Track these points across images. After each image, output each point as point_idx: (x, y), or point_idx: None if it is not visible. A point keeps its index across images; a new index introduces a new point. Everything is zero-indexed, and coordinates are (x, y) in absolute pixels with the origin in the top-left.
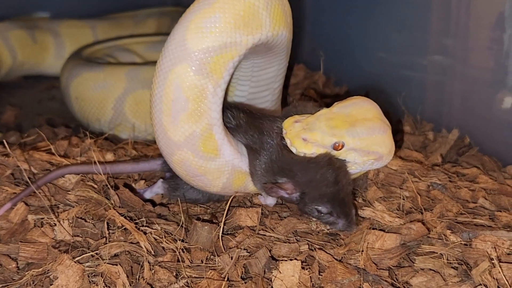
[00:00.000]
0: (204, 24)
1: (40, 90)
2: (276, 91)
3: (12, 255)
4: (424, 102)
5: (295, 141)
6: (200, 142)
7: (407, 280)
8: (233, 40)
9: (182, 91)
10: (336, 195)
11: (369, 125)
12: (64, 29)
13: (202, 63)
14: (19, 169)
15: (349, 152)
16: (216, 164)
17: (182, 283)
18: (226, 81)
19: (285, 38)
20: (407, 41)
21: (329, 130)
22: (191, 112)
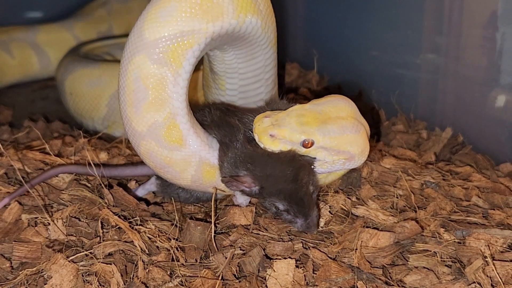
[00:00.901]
0: (160, 13)
1: (33, 89)
2: (269, 82)
3: (6, 255)
4: (417, 101)
5: (262, 137)
6: (163, 131)
7: (401, 278)
8: (190, 29)
9: (141, 81)
10: (294, 193)
11: (341, 123)
12: (42, 37)
13: (159, 52)
14: (13, 169)
15: (319, 150)
16: (182, 154)
17: (176, 282)
18: (187, 71)
19: (257, 25)
20: (400, 40)
21: (299, 126)
22: (152, 101)
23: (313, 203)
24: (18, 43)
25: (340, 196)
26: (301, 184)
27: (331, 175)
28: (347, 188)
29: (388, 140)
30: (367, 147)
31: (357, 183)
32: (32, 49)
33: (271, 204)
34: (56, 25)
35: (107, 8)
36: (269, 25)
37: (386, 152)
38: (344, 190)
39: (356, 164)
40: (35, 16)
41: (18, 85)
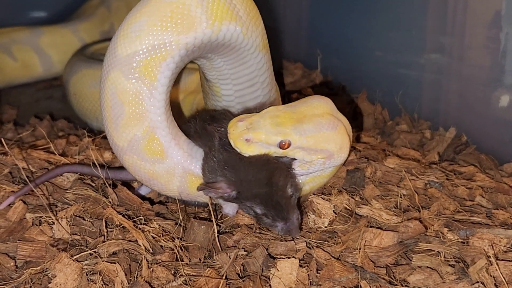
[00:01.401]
0: (132, 29)
1: (37, 89)
2: (265, 84)
3: (10, 254)
4: (421, 101)
5: (237, 142)
6: (143, 145)
7: (405, 278)
8: (161, 42)
9: (117, 97)
10: (269, 196)
11: (317, 121)
12: (46, 40)
13: (131, 68)
14: (17, 168)
15: (296, 150)
16: (164, 167)
17: (180, 281)
18: (163, 84)
19: (236, 32)
20: (404, 40)
21: (274, 128)
22: (129, 116)
23: (292, 206)
24: (20, 46)
25: (343, 195)
26: (276, 187)
27: (318, 180)
28: (350, 187)
29: (392, 140)
30: (346, 143)
31: (360, 183)
32: (34, 52)
33: (249, 209)
34: (60, 27)
35: (107, 5)
36: (253, 30)
37: (390, 152)
38: (347, 189)
39: (337, 162)
40: (38, 15)
41: (23, 84)
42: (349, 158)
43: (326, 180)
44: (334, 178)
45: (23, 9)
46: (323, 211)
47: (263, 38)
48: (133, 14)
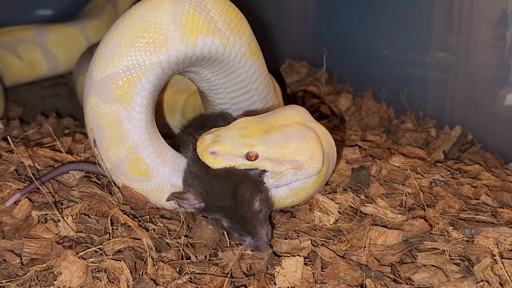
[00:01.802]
0: (106, 51)
1: (43, 87)
2: (259, 90)
3: (16, 251)
4: (426, 99)
5: (203, 155)
6: (128, 166)
7: (409, 276)
8: (134, 63)
9: (97, 120)
10: (234, 210)
11: (285, 131)
12: (52, 39)
13: (107, 91)
14: (23, 166)
15: (265, 162)
16: (152, 184)
17: (185, 279)
18: (141, 104)
19: (214, 44)
20: (410, 38)
21: (240, 140)
22: (110, 139)
23: (260, 221)
24: (26, 45)
25: (348, 194)
26: (241, 201)
27: (303, 191)
28: (355, 186)
29: (397, 139)
30: (317, 153)
31: (365, 181)
32: (40, 50)
33: (217, 222)
34: (67, 25)
35: (113, 3)
36: (235, 40)
37: (395, 150)
38: (352, 188)
39: (310, 172)
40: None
41: (29, 82)
42: (354, 157)
43: (313, 191)
44: (339, 176)
45: (28, 7)
46: (328, 209)
47: (250, 46)
48: (107, 36)
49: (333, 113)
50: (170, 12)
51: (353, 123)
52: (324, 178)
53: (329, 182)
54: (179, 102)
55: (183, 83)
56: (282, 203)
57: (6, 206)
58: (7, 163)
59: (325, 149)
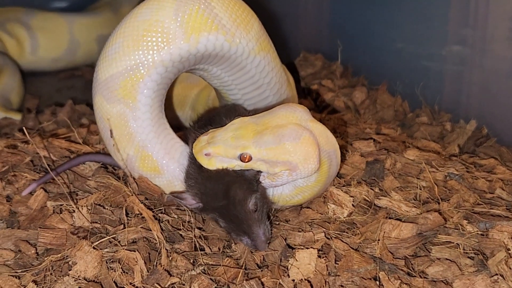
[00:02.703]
0: (109, 52)
1: (59, 79)
2: (272, 85)
3: (31, 241)
4: (442, 93)
5: (198, 157)
6: (138, 163)
7: (423, 270)
8: (136, 62)
9: (104, 121)
10: (227, 210)
11: (278, 132)
12: (36, 22)
13: (110, 91)
14: (39, 156)
15: (259, 163)
16: (163, 180)
17: (199, 270)
18: (146, 104)
19: (218, 41)
20: (425, 31)
21: (234, 141)
22: (118, 138)
23: (255, 220)
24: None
25: (363, 187)
26: (234, 201)
27: (305, 192)
28: (370, 179)
29: (412, 132)
30: (311, 154)
31: (380, 174)
32: (25, 30)
33: (214, 221)
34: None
35: (114, 9)
36: (242, 36)
37: (410, 144)
38: (367, 181)
39: (305, 173)
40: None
41: (45, 74)
42: (369, 150)
43: (318, 189)
44: (353, 169)
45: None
46: (342, 202)
47: (259, 41)
48: (112, 36)
49: (348, 106)
50: (173, 10)
51: (368, 117)
52: (327, 176)
53: (343, 175)
54: (190, 97)
55: (194, 77)
56: (288, 202)
57: (22, 195)
58: (22, 154)
59: (324, 148)
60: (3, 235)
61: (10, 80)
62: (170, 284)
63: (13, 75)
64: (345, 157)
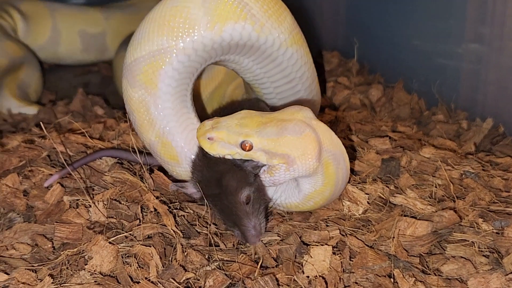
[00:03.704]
0: (137, 36)
1: (75, 75)
2: (303, 79)
3: (47, 235)
4: (458, 91)
5: (201, 140)
6: (159, 149)
7: (438, 267)
8: (158, 48)
9: (129, 105)
10: (218, 199)
11: (282, 125)
12: (24, 7)
13: (133, 76)
14: (55, 151)
15: (259, 153)
16: (182, 169)
17: (214, 265)
18: (166, 92)
19: (246, 31)
20: (442, 29)
21: (238, 128)
22: (141, 123)
23: (246, 213)
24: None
25: (378, 184)
26: (226, 190)
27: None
28: (385, 176)
29: (428, 130)
30: (310, 151)
31: (395, 172)
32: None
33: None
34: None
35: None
36: (273, 27)
37: (426, 142)
38: (382, 178)
39: (302, 169)
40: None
41: (62, 70)
42: (384, 147)
43: (328, 194)
44: (369, 166)
45: None
46: (358, 199)
47: (292, 34)
48: (143, 21)
49: (364, 104)
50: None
51: (384, 114)
52: (335, 179)
53: (359, 172)
54: (204, 94)
55: (208, 74)
56: (301, 209)
57: (44, 186)
58: (39, 148)
59: (328, 147)
60: (20, 229)
61: (30, 74)
62: (185, 279)
63: (33, 70)
64: (361, 155)
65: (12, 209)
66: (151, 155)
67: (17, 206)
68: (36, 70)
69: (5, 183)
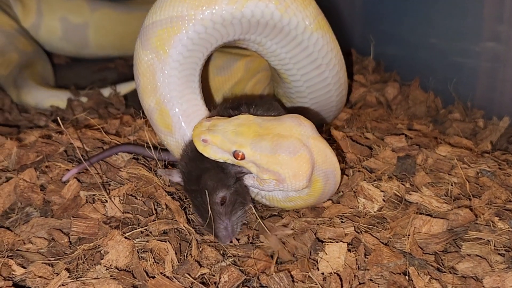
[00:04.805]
0: (160, 1)
1: (92, 71)
2: (331, 66)
3: (64, 230)
4: (475, 89)
5: (195, 141)
6: (156, 116)
7: (453, 265)
8: (178, 14)
9: (136, 67)
10: (195, 197)
11: (278, 142)
12: None
13: (147, 38)
14: (72, 147)
15: (251, 164)
16: (173, 140)
17: (229, 261)
18: (175, 59)
19: (268, 9)
20: (459, 27)
21: (233, 136)
22: (143, 87)
23: (219, 213)
24: None
25: (393, 182)
26: (203, 189)
27: (297, 201)
28: (401, 174)
29: (444, 128)
30: (302, 172)
31: (411, 170)
32: None
33: None
34: None
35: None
36: (297, 9)
37: (442, 140)
38: (398, 176)
39: (292, 187)
40: None
41: (78, 66)
42: (400, 145)
43: (312, 202)
44: (384, 164)
45: None
46: (373, 197)
47: (317, 19)
48: None
49: (380, 102)
50: None
51: (400, 112)
52: (321, 192)
53: (374, 169)
54: (224, 90)
55: (227, 70)
56: (281, 205)
57: (63, 181)
58: (56, 144)
59: (321, 166)
60: (37, 224)
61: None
62: (200, 275)
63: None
64: (377, 152)
65: (29, 204)
66: (166, 150)
67: (34, 201)
68: (48, 64)
69: (23, 177)
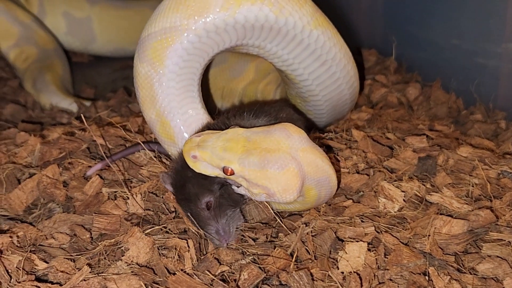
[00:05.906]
0: (156, 12)
1: (114, 69)
2: (337, 60)
3: (86, 226)
4: (497, 90)
5: (186, 157)
6: (158, 127)
7: (474, 266)
8: (171, 25)
9: (136, 79)
10: (185, 202)
11: (265, 157)
12: None
13: (143, 50)
14: (95, 144)
15: (241, 179)
16: (177, 150)
17: (248, 259)
18: (172, 71)
19: (262, 12)
20: (481, 28)
21: (221, 152)
22: (143, 99)
23: (206, 218)
24: None
25: (414, 182)
26: (189, 197)
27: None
28: (422, 174)
29: (466, 129)
30: (291, 186)
31: (432, 170)
32: None
33: None
34: None
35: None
36: (293, 9)
37: (463, 141)
38: (418, 176)
39: (282, 200)
40: None
41: (100, 65)
42: (421, 146)
43: (307, 207)
44: (405, 164)
45: None
46: (393, 197)
47: (315, 16)
48: None
49: (401, 102)
50: None
51: (421, 113)
52: (315, 199)
53: (395, 170)
54: (237, 90)
55: (239, 70)
56: (281, 207)
57: (87, 175)
58: (79, 141)
59: (313, 176)
60: (59, 219)
61: (65, 69)
62: (220, 272)
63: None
64: (397, 152)
65: (52, 200)
66: None
67: (56, 197)
68: (67, 64)
69: (46, 174)
